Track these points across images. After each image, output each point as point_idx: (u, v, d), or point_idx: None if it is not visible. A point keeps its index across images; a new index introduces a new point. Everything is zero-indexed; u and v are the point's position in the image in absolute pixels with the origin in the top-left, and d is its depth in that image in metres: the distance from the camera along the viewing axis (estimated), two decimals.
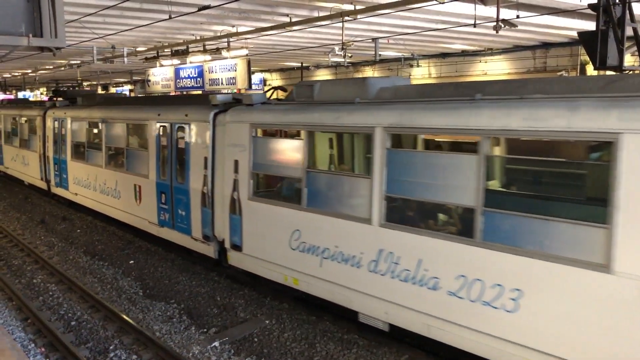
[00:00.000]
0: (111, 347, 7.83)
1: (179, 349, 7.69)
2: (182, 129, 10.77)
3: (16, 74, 38.40)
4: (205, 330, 8.33)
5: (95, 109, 14.66)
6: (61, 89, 18.17)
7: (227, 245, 9.59)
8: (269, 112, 8.97)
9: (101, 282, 10.46)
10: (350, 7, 13.32)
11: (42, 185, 18.07)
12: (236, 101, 10.09)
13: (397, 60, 26.59)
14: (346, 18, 13.66)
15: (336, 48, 16.48)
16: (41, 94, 51.27)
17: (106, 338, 8.13)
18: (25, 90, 45.44)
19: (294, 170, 8.28)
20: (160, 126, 11.40)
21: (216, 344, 7.82)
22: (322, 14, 14.13)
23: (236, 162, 9.18)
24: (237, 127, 9.26)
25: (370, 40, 18.36)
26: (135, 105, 13.21)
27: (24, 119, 19.37)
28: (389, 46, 21.39)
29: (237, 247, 9.34)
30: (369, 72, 29.25)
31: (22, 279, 10.74)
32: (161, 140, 11.44)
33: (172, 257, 11.76)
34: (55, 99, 18.45)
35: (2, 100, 28.07)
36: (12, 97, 40.73)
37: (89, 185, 14.57)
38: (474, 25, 13.03)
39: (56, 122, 16.30)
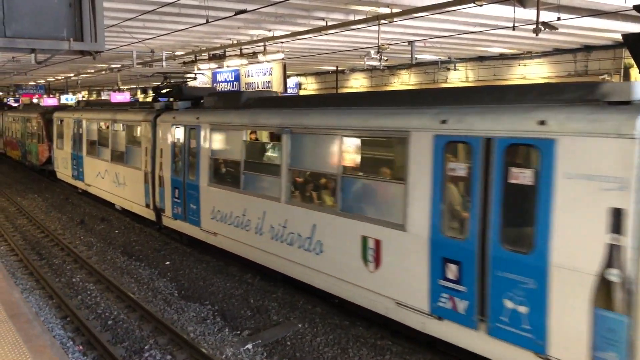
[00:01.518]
0: (146, 347, 7.93)
1: (212, 351, 7.73)
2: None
3: (59, 77, 39.57)
4: (238, 332, 8.37)
5: (251, 112, 10.41)
6: (172, 83, 14.87)
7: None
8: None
9: (137, 283, 10.63)
10: (386, 10, 13.27)
11: (147, 214, 13.99)
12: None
13: (433, 63, 26.37)
14: (382, 21, 13.60)
15: (372, 51, 16.42)
16: (83, 96, 52.63)
17: (142, 338, 8.24)
18: (67, 93, 46.70)
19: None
20: None
21: (249, 346, 7.85)
22: (358, 17, 14.12)
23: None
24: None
25: (407, 44, 18.24)
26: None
27: (119, 125, 15.40)
28: (426, 49, 21.22)
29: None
30: (405, 75, 29.07)
31: (62, 278, 11.00)
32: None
33: (207, 259, 11.87)
34: (170, 99, 14.04)
35: (87, 101, 26.87)
36: (55, 100, 41.84)
37: (250, 225, 9.95)
38: (513, 27, 12.80)
39: (178, 130, 12.28)
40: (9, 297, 7.73)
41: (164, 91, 15.10)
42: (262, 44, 18.05)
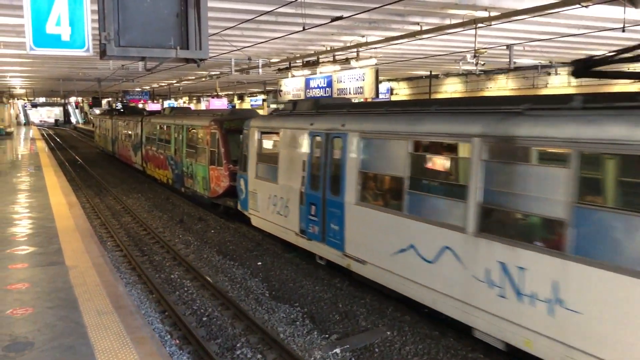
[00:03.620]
0: (238, 345, 8.17)
1: (301, 352, 7.84)
2: None
3: (162, 84, 41.86)
4: (327, 336, 8.43)
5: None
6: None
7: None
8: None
9: (231, 281, 10.99)
10: (484, 13, 12.89)
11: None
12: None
13: (533, 68, 25.31)
14: (479, 25, 13.22)
15: (468, 56, 16.02)
16: (184, 102, 55.33)
17: (234, 335, 8.50)
18: (170, 99, 49.31)
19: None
20: None
21: (337, 350, 7.87)
22: (454, 21, 13.82)
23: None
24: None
25: (505, 47, 17.63)
26: None
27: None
28: (525, 53, 20.40)
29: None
30: (502, 80, 28.12)
31: (161, 274, 11.59)
32: None
33: (297, 261, 12.06)
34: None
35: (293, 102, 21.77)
36: (159, 105, 44.32)
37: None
38: (623, 29, 12.00)
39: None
40: (115, 290, 8.24)
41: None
42: (355, 49, 18.13)
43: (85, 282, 8.56)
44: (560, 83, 25.08)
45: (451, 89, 31.30)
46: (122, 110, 37.93)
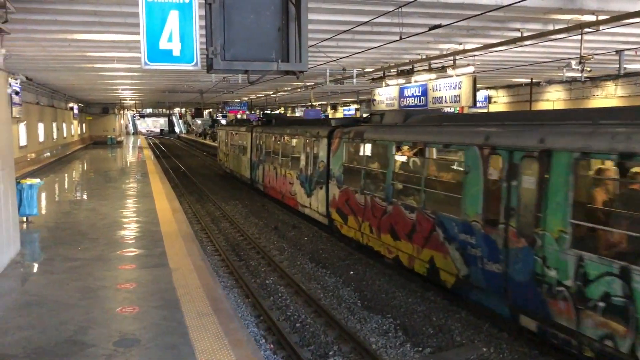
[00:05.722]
0: (330, 353, 8.22)
1: None
2: None
3: (260, 95, 43.25)
4: (420, 349, 8.28)
5: None
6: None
7: None
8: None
9: (324, 289, 11.09)
10: (591, 17, 12.23)
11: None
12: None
13: None
14: (586, 30, 12.55)
15: (573, 62, 15.22)
16: (279, 113, 56.76)
17: (326, 343, 8.56)
18: (267, 110, 50.78)
19: None
20: None
21: None
22: (557, 26, 13.22)
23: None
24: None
25: (614, 53, 16.59)
26: None
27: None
28: (637, 58, 19.07)
29: None
30: (610, 87, 26.47)
31: (257, 279, 11.92)
32: None
33: (389, 273, 11.97)
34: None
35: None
36: (255, 116, 45.71)
37: None
38: None
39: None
40: (214, 293, 8.59)
41: None
42: (451, 57, 17.81)
43: (186, 284, 8.99)
44: None
45: (554, 96, 29.89)
46: (263, 119, 27.71)
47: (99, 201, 18.14)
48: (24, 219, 13.90)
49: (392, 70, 21.58)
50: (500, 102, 34.03)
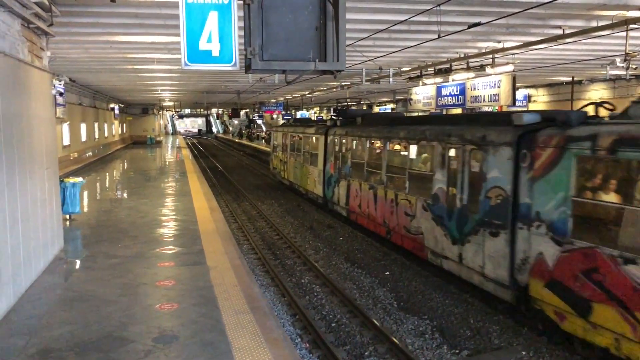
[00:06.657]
0: (366, 354, 8.19)
1: None
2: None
3: (296, 95, 43.41)
4: (457, 351, 8.18)
5: None
6: None
7: None
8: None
9: (359, 290, 11.06)
10: (637, 13, 11.86)
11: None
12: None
13: None
14: (632, 26, 12.18)
15: (617, 59, 14.80)
16: (315, 113, 56.89)
17: (362, 344, 8.54)
18: (302, 109, 50.95)
19: None
20: None
21: None
22: (601, 23, 12.86)
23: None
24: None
25: None
26: None
27: None
28: None
29: None
30: None
31: (292, 278, 11.97)
32: None
33: (425, 274, 11.85)
34: None
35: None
36: (291, 116, 45.93)
37: None
38: None
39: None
40: (251, 292, 8.66)
41: None
42: (490, 56, 17.53)
43: (223, 282, 9.09)
44: None
45: (596, 95, 29.08)
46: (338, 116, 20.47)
47: (138, 200, 18.51)
48: (67, 216, 14.31)
49: (429, 69, 21.36)
50: (540, 100, 33.31)
